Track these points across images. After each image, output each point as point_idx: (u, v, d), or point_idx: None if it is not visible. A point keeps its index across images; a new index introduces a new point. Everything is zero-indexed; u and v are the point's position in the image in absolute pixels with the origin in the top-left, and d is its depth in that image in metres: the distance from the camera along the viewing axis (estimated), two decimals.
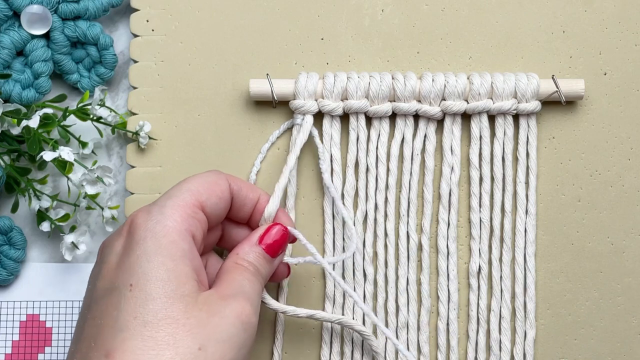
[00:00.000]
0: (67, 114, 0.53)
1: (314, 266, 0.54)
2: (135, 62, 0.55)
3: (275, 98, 0.53)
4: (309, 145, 0.54)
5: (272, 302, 0.50)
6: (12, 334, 0.55)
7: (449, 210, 0.53)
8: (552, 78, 0.53)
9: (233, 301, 0.43)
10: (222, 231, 0.50)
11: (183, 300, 0.42)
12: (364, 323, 0.53)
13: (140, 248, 0.43)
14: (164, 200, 0.45)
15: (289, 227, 0.49)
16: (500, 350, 0.53)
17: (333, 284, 0.53)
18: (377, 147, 0.53)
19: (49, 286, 0.55)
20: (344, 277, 0.53)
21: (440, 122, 0.54)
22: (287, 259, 0.50)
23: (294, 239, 0.49)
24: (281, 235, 0.48)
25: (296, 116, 0.53)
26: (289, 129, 0.54)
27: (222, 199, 0.47)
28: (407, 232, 0.53)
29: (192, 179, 0.47)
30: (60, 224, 0.53)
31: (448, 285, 0.53)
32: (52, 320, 0.55)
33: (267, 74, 0.53)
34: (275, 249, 0.48)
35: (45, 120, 0.52)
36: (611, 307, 0.54)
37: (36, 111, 0.53)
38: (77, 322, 0.45)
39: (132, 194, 0.54)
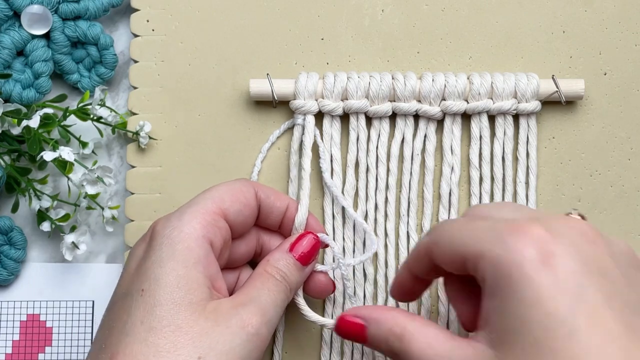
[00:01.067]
0: (68, 114, 0.53)
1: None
2: (136, 62, 0.55)
3: (276, 98, 0.53)
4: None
5: (311, 315, 0.50)
6: (13, 333, 0.55)
7: (449, 210, 0.53)
8: (552, 78, 0.53)
9: (242, 310, 0.43)
10: (259, 243, 0.50)
11: (190, 307, 0.42)
12: None
13: (155, 254, 0.43)
14: (185, 207, 0.45)
15: (319, 235, 0.49)
16: None
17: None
18: (377, 147, 0.53)
19: (49, 286, 0.55)
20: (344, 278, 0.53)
21: (440, 122, 0.54)
22: (318, 266, 0.50)
23: (325, 245, 0.50)
24: (313, 244, 0.48)
25: (297, 116, 0.53)
26: (289, 129, 0.54)
27: (247, 206, 0.47)
28: (407, 232, 0.53)
29: (217, 187, 0.47)
30: (61, 224, 0.53)
31: None
32: (53, 320, 0.55)
33: (268, 74, 0.53)
34: (306, 258, 0.48)
35: (46, 120, 0.52)
36: None
37: (36, 111, 0.53)
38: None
39: (133, 194, 0.54)
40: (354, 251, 0.53)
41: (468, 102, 0.53)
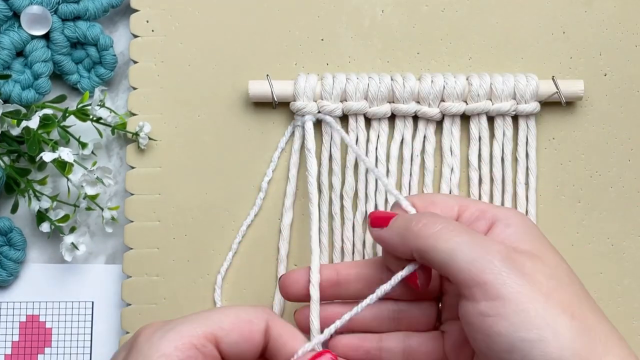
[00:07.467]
0: (67, 114, 0.53)
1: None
2: (135, 62, 0.55)
3: (275, 100, 0.53)
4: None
5: None
6: (12, 334, 0.55)
7: None
8: (552, 79, 0.53)
9: None
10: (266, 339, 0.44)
11: None
12: None
13: None
14: (175, 323, 0.42)
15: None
16: None
17: None
18: (376, 148, 0.53)
19: (48, 287, 0.55)
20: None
21: (439, 123, 0.54)
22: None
23: None
24: None
25: (297, 118, 0.53)
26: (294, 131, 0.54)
27: (247, 340, 0.41)
28: None
29: (226, 309, 0.43)
30: (60, 224, 0.53)
31: None
32: (52, 321, 0.55)
33: (267, 75, 0.53)
34: None
35: (45, 121, 0.52)
36: (611, 308, 0.54)
37: (36, 112, 0.53)
38: None
39: (132, 194, 0.54)
40: (353, 253, 0.53)
41: (467, 104, 0.53)
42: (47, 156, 0.51)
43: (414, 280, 0.44)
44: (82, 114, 0.53)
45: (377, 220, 0.45)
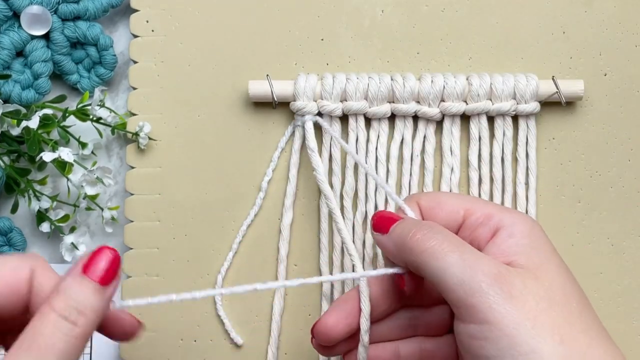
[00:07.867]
0: (67, 114, 0.53)
1: (312, 265, 0.54)
2: (135, 62, 0.55)
3: (275, 100, 0.53)
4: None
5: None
6: None
7: None
8: (552, 79, 0.53)
9: None
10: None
11: None
12: None
13: None
14: None
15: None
16: None
17: (330, 282, 0.53)
18: (376, 148, 0.53)
19: None
20: (343, 279, 0.53)
21: (439, 123, 0.54)
22: (131, 301, 0.39)
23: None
24: (112, 259, 0.38)
25: (297, 118, 0.53)
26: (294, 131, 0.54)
27: (10, 290, 0.37)
28: None
29: None
30: (60, 224, 0.53)
31: None
32: None
33: (267, 75, 0.53)
34: (108, 277, 0.37)
35: (45, 121, 0.52)
36: (611, 308, 0.54)
37: (36, 112, 0.53)
38: None
39: (132, 194, 0.54)
40: None
41: (467, 104, 0.53)
42: (47, 156, 0.51)
43: (402, 284, 0.44)
44: (82, 114, 0.53)
45: (379, 223, 0.44)
